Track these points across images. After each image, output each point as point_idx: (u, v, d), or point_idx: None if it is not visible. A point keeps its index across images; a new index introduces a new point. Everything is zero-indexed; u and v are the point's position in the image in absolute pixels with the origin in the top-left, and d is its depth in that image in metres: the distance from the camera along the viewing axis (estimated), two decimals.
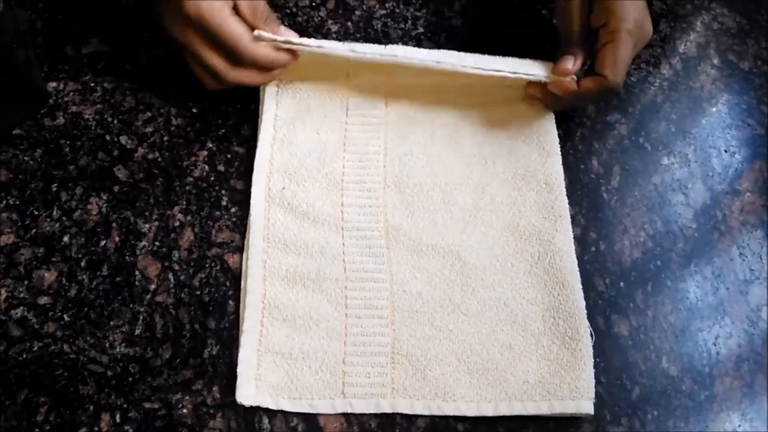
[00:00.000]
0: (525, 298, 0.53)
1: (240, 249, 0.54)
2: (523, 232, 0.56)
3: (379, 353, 0.51)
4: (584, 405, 0.50)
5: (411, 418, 0.50)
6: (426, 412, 0.50)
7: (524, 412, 0.50)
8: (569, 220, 0.57)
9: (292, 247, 0.54)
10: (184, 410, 0.49)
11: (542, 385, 0.51)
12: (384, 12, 0.67)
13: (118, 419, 0.48)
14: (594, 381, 0.51)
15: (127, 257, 0.53)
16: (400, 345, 0.51)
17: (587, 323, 0.53)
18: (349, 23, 0.65)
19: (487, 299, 0.53)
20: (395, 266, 0.54)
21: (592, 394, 0.50)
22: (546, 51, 0.59)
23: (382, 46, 0.57)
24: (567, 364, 0.51)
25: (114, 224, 0.54)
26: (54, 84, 0.59)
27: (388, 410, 0.49)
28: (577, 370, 0.51)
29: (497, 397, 0.50)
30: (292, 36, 0.55)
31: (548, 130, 0.60)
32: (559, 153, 0.59)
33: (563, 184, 0.58)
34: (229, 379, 0.50)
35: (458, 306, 0.53)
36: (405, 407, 0.50)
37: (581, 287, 0.54)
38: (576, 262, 0.55)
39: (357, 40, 0.64)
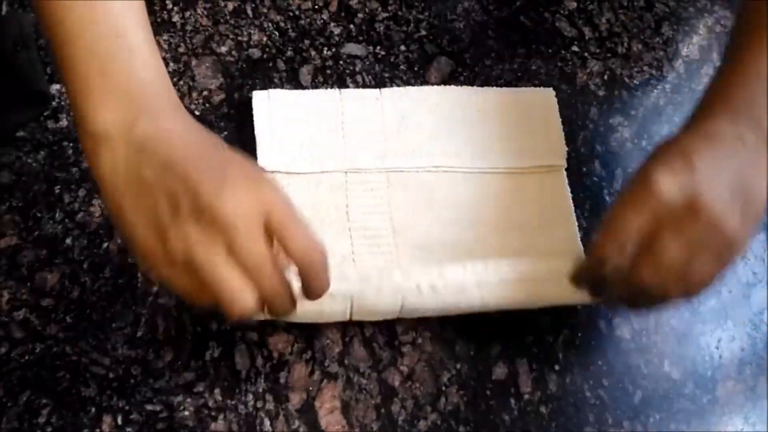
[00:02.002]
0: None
1: None
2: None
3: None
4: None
5: (412, 422, 0.49)
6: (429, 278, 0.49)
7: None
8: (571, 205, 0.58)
9: None
10: (186, 412, 0.49)
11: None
12: (386, 15, 0.66)
13: (119, 421, 0.48)
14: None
15: (129, 259, 0.53)
16: None
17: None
18: (351, 26, 0.65)
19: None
20: (405, 263, 0.54)
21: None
22: (547, 54, 0.59)
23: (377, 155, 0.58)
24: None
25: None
26: (57, 86, 0.59)
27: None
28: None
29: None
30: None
31: (548, 116, 0.61)
32: (563, 136, 0.60)
33: (564, 173, 0.59)
34: (230, 381, 0.50)
35: None
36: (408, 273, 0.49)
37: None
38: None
39: (359, 42, 0.64)
